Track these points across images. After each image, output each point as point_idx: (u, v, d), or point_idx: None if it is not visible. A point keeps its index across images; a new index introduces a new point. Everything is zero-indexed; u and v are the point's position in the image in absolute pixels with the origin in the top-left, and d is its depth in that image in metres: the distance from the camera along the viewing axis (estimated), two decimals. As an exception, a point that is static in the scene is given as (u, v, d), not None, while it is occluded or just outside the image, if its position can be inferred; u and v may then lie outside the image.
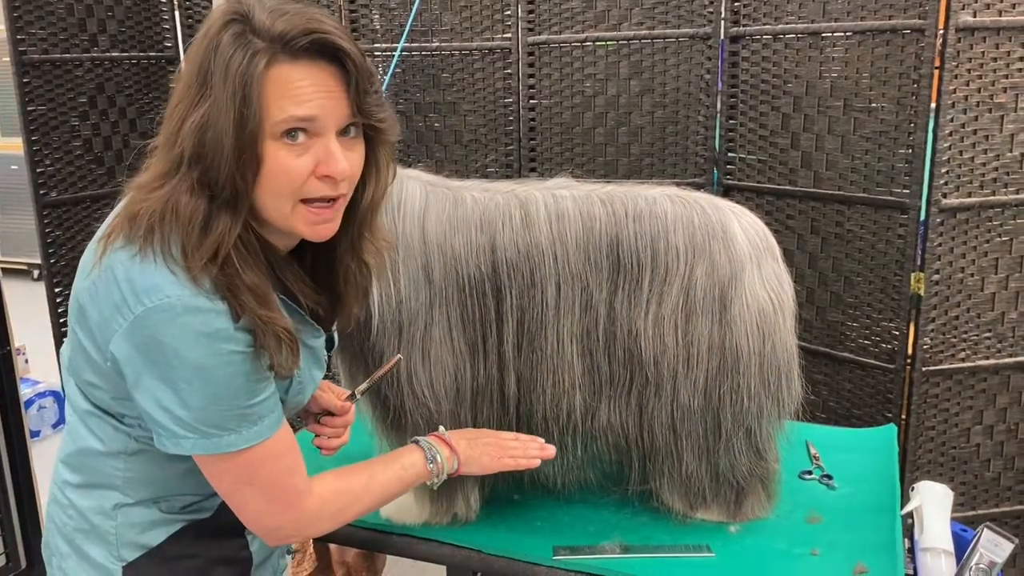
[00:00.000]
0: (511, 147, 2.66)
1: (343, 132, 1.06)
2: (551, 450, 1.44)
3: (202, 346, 1.02)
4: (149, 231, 1.02)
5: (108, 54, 2.68)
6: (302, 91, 1.01)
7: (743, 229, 1.51)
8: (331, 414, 1.44)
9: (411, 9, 2.56)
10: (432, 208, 1.48)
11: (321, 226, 1.08)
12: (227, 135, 0.99)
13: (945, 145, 2.15)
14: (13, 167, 5.85)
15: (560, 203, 1.51)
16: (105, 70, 2.69)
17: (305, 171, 1.03)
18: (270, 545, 1.28)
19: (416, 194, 1.49)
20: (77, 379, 1.14)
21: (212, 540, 1.23)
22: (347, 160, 1.05)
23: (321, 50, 1.01)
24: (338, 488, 1.23)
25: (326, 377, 1.35)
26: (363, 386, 1.45)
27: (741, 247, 1.49)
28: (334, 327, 1.30)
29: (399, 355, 1.44)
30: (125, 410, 1.12)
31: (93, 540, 1.18)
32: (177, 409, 1.04)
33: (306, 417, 1.46)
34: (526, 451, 1.43)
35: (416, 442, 1.36)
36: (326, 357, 1.29)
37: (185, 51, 2.82)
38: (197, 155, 1.00)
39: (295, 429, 1.25)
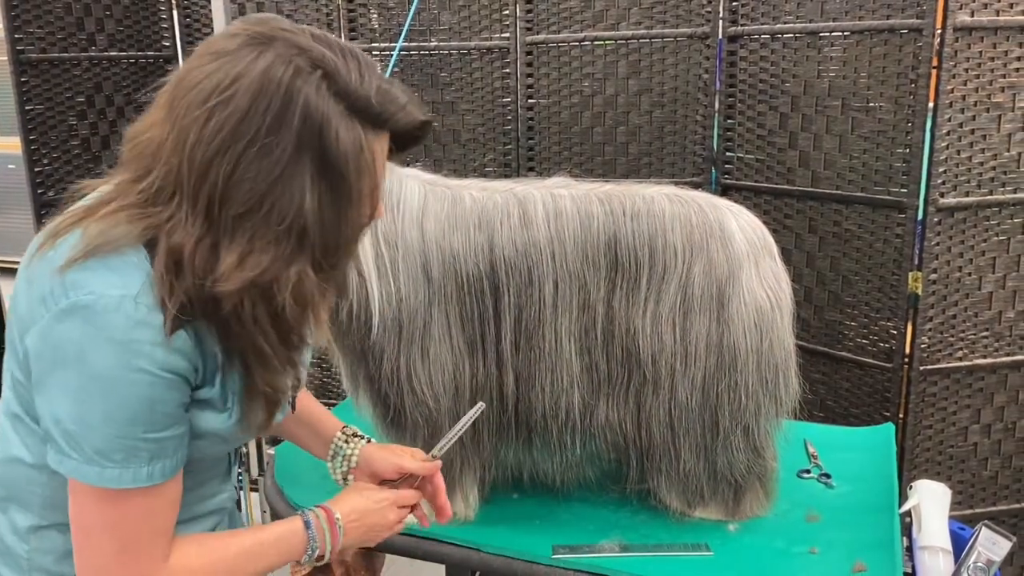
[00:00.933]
0: (509, 146, 2.66)
1: None
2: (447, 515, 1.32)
3: (110, 353, 0.91)
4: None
5: (106, 53, 2.68)
6: (380, 161, 0.99)
7: (741, 228, 1.51)
8: (411, 476, 1.30)
9: (409, 8, 2.56)
10: (431, 207, 1.48)
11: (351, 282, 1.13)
12: (354, 223, 0.97)
13: (943, 144, 2.15)
14: (10, 166, 5.85)
15: (558, 202, 1.51)
16: (103, 69, 2.69)
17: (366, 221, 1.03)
18: None
19: (415, 193, 1.49)
20: (10, 376, 1.04)
21: None
22: None
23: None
24: (198, 560, 1.04)
25: (327, 374, 1.33)
26: (443, 443, 1.32)
27: (739, 246, 1.50)
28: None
29: (482, 403, 1.34)
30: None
31: (5, 562, 1.07)
32: (68, 421, 0.93)
33: (379, 482, 1.33)
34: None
35: (305, 521, 1.15)
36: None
37: (185, 55, 2.82)
38: (320, 242, 0.94)
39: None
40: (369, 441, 1.38)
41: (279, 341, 0.98)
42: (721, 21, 2.45)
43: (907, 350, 2.28)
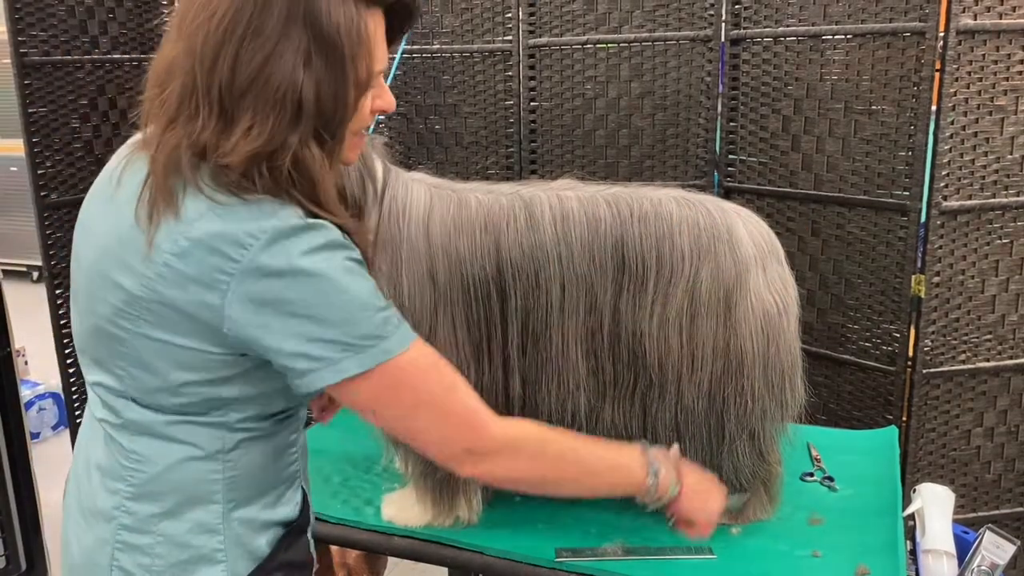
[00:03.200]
0: (512, 149, 2.66)
1: None
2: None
3: (322, 259, 0.98)
4: (244, 178, 0.98)
5: (109, 56, 2.68)
6: (380, 43, 1.06)
7: (748, 232, 1.51)
8: None
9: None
10: (437, 210, 1.48)
11: (358, 152, 1.15)
12: (349, 93, 1.01)
13: (946, 148, 2.16)
14: (13, 168, 5.86)
15: (565, 204, 1.51)
16: (106, 72, 2.69)
17: (375, 111, 1.10)
18: (463, 475, 1.18)
19: (421, 196, 1.49)
20: (140, 393, 1.04)
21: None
22: None
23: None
24: (537, 432, 1.15)
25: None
26: None
27: (746, 250, 1.49)
28: None
29: None
30: (226, 393, 1.04)
31: (197, 567, 1.07)
32: (324, 332, 0.99)
33: None
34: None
35: (644, 448, 1.25)
36: None
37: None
38: (315, 111, 0.99)
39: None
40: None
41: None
42: (724, 24, 2.45)
43: (910, 353, 2.28)
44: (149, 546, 1.06)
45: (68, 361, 2.65)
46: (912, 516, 1.63)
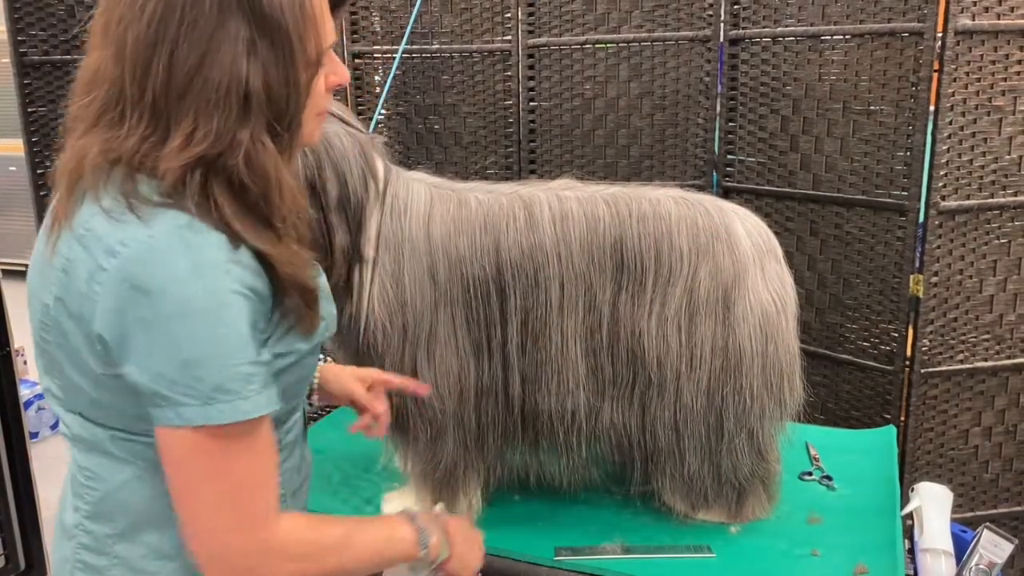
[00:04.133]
0: (511, 149, 2.66)
1: None
2: None
3: (202, 285, 0.87)
4: (181, 185, 0.89)
5: (108, 56, 2.68)
6: (326, 15, 0.97)
7: (747, 231, 1.52)
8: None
9: (412, 11, 2.56)
10: (437, 210, 1.49)
11: (319, 132, 1.05)
12: (300, 76, 0.93)
13: (944, 148, 2.16)
14: (12, 168, 5.86)
15: (564, 204, 1.51)
16: (105, 72, 2.69)
17: (330, 87, 1.02)
18: None
19: (421, 196, 1.49)
20: (82, 407, 0.98)
21: None
22: None
23: None
24: (308, 532, 1.00)
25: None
26: None
27: (744, 249, 1.50)
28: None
29: None
30: (142, 410, 0.95)
31: None
32: (172, 369, 0.87)
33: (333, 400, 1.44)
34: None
35: (411, 517, 1.13)
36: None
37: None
38: (266, 101, 0.90)
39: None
40: (326, 361, 1.41)
41: (256, 222, 0.93)
42: (723, 24, 2.46)
43: (908, 353, 2.29)
44: (106, 568, 1.01)
45: (67, 361, 2.64)
46: (910, 515, 1.64)
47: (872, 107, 2.24)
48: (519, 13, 2.56)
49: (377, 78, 2.78)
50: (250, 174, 0.91)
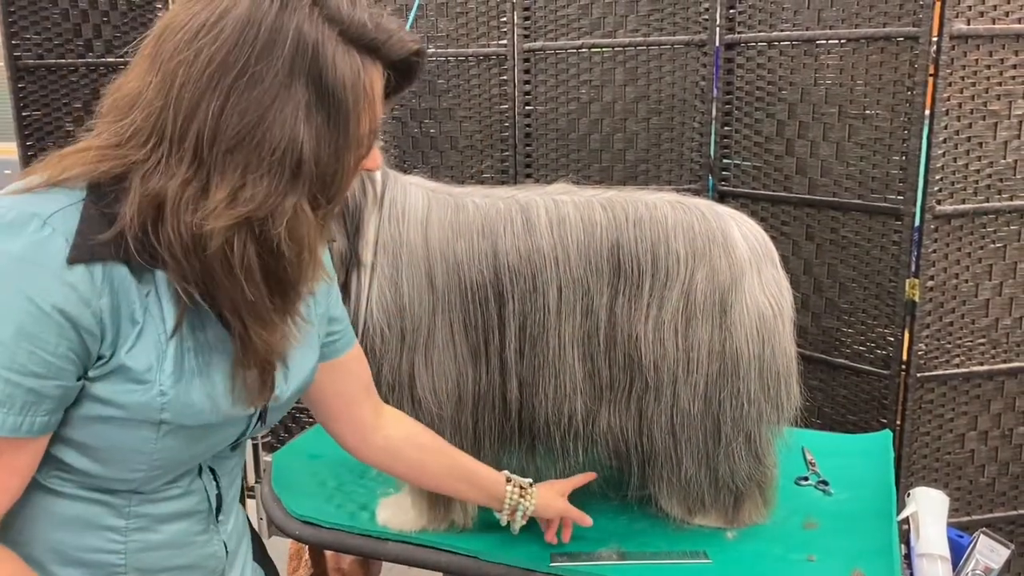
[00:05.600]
0: (507, 153, 2.66)
1: None
2: None
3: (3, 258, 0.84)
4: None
5: (103, 59, 2.67)
6: (380, 98, 0.96)
7: (743, 235, 1.52)
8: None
9: (408, 16, 2.56)
10: (435, 214, 1.49)
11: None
12: (350, 153, 0.92)
13: (939, 152, 2.16)
14: (6, 172, 5.84)
15: (561, 208, 1.51)
16: (100, 75, 2.68)
17: (360, 168, 1.01)
18: None
19: (419, 200, 1.49)
20: None
21: None
22: None
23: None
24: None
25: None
26: None
27: (741, 253, 1.50)
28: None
29: None
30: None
31: None
32: None
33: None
34: None
35: None
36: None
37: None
38: (315, 172, 0.89)
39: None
40: (532, 485, 1.49)
41: (271, 290, 0.92)
42: (718, 28, 2.46)
43: (904, 357, 2.29)
44: None
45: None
46: (906, 520, 1.63)
47: (868, 111, 2.25)
48: (515, 17, 2.56)
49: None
50: (289, 241, 0.89)
